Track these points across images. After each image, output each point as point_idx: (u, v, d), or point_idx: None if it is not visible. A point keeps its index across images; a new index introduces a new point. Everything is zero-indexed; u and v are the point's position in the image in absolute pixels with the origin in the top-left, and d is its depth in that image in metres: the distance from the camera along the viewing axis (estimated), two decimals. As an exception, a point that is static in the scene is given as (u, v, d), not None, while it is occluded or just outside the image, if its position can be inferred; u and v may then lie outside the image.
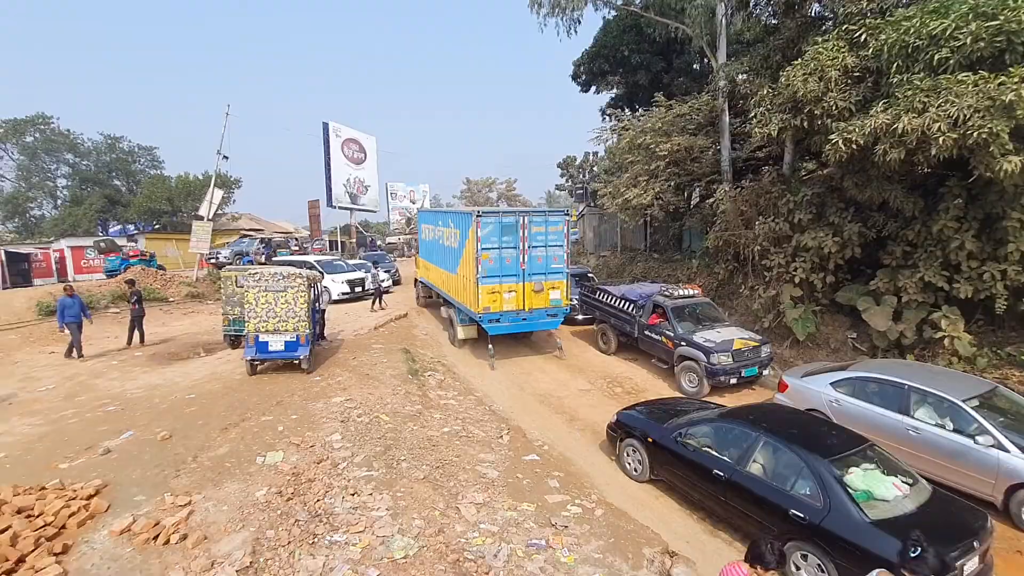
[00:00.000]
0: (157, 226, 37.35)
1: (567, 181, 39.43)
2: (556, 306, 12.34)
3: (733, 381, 10.33)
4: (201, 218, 23.22)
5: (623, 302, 12.83)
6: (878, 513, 4.95)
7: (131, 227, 39.85)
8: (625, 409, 8.17)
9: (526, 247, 11.86)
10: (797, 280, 11.99)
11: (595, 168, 34.42)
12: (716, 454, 6.29)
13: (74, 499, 5.72)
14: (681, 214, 18.62)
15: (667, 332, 11.32)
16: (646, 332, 11.95)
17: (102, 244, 25.76)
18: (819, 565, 5.09)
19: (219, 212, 33.88)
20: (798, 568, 5.26)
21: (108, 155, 41.19)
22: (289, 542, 5.18)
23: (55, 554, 4.94)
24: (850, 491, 5.10)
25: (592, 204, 27.68)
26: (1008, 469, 6.35)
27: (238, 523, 5.46)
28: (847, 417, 8.01)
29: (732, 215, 13.87)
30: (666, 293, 12.04)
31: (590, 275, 18.35)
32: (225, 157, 22.68)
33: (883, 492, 5.18)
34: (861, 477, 5.29)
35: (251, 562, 4.89)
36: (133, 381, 10.46)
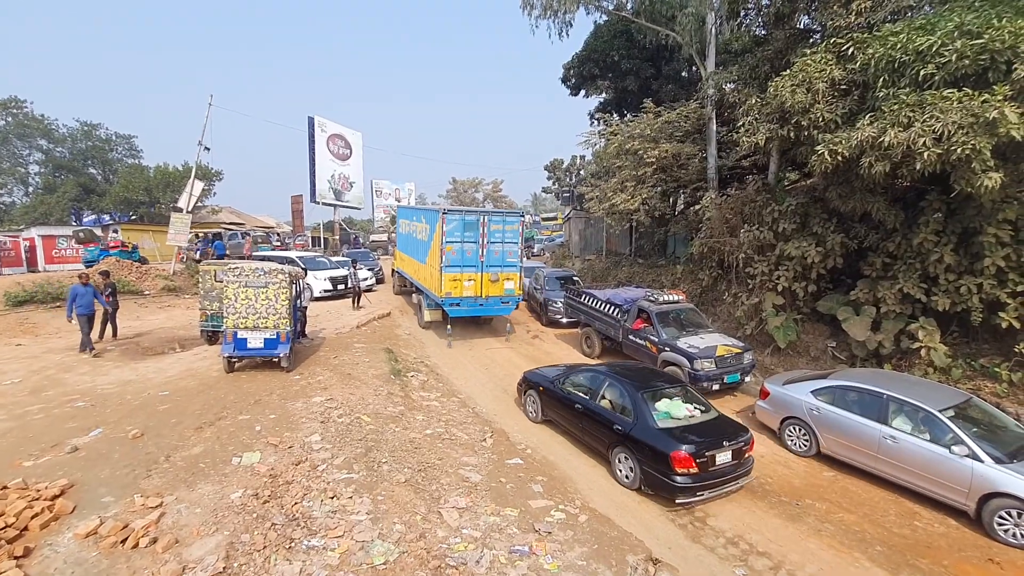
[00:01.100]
0: (134, 217, 36.43)
1: (554, 184, 39.51)
2: (509, 294, 14.13)
3: (715, 387, 10.40)
4: (180, 210, 22.61)
5: (608, 306, 12.85)
6: (667, 424, 7.27)
7: (106, 217, 38.83)
8: (530, 370, 10.23)
9: (485, 242, 13.60)
10: (780, 288, 12.13)
11: (582, 172, 34.54)
12: (580, 394, 8.54)
13: (37, 499, 5.47)
14: (667, 220, 18.75)
15: (651, 337, 11.35)
16: (630, 336, 11.98)
17: (81, 234, 25.01)
18: (625, 457, 7.43)
19: (199, 205, 33.16)
20: (620, 469, 7.52)
21: (84, 142, 40.08)
22: (265, 547, 5.02)
23: (15, 557, 4.71)
24: (653, 412, 7.39)
25: (578, 208, 27.74)
26: (981, 478, 6.48)
27: (212, 526, 5.27)
28: (827, 424, 8.12)
29: (717, 222, 13.99)
30: (651, 298, 12.07)
31: (575, 278, 18.35)
32: (207, 148, 22.09)
33: (678, 413, 7.51)
34: (666, 404, 7.64)
35: (224, 567, 4.72)
36: (104, 376, 10.11)
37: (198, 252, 24.77)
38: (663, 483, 6.83)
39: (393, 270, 21.02)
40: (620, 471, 7.53)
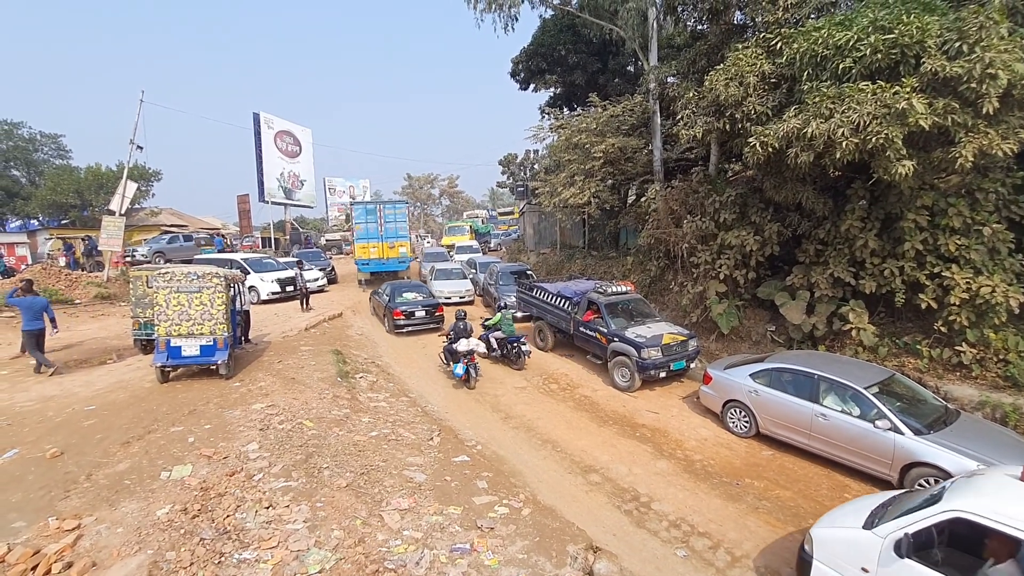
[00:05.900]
0: (65, 221, 34.25)
1: (508, 178, 39.48)
2: (403, 256, 21.30)
3: (662, 375, 10.63)
4: (112, 213, 21.40)
5: (559, 299, 12.93)
6: (401, 301, 15.17)
7: (34, 222, 36.44)
8: (373, 290, 17.91)
9: (383, 222, 20.75)
10: (722, 276, 12.50)
11: (535, 166, 34.65)
12: (382, 295, 15.89)
13: (-63, 530, 5.06)
14: (617, 212, 19.01)
15: (601, 328, 11.48)
16: (581, 328, 12.08)
17: None
18: (388, 319, 15.16)
19: (135, 207, 31.51)
20: (385, 324, 15.59)
21: (5, 142, 37.41)
22: (192, 563, 4.80)
23: (-92, 595, 4.35)
24: (398, 297, 15.29)
25: (532, 202, 27.79)
26: (903, 450, 6.86)
27: (134, 546, 5.00)
28: (764, 405, 8.43)
29: (663, 214, 14.28)
30: (600, 290, 12.20)
31: (529, 272, 18.38)
32: (139, 147, 20.93)
33: (409, 297, 15.37)
34: (407, 294, 15.47)
35: (146, 588, 4.49)
36: (24, 393, 9.44)
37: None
38: (392, 325, 14.79)
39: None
40: (386, 325, 15.33)
